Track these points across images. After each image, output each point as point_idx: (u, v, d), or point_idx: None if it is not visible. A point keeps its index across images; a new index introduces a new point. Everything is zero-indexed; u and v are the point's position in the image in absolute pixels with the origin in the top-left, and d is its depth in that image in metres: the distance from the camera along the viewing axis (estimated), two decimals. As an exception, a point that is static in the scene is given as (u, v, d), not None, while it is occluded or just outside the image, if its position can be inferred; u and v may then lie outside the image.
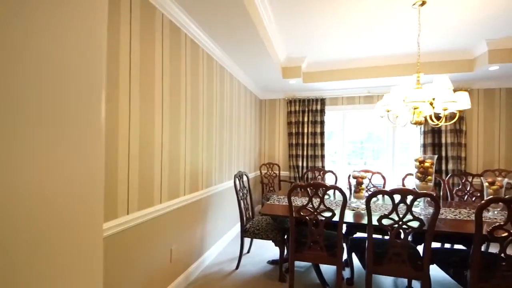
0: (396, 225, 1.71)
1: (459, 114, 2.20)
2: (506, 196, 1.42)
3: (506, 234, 1.46)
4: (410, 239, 2.28)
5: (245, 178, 2.75)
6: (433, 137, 4.13)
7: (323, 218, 1.85)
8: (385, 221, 1.73)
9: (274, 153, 4.95)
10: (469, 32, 2.89)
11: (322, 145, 4.56)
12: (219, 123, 2.95)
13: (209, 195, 2.66)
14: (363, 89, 4.42)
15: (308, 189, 1.81)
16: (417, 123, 2.43)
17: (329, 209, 1.82)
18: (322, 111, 4.55)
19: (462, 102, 2.16)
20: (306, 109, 4.61)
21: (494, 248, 2.54)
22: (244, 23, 2.22)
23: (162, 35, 1.88)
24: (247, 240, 3.07)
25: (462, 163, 3.98)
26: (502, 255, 1.49)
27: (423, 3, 2.34)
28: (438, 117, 3.30)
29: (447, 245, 2.69)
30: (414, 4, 2.38)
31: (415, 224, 1.71)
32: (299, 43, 3.21)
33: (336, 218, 1.84)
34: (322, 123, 4.56)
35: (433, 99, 2.30)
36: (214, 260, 2.68)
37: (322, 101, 4.55)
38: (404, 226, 1.70)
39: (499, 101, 3.93)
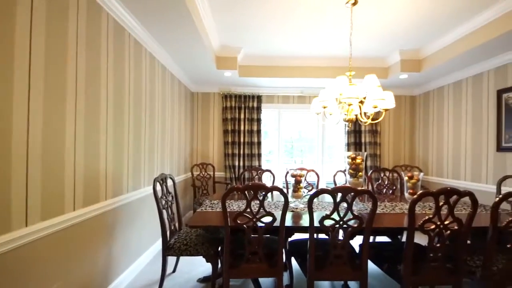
0: (337, 225, 1.59)
1: (381, 114, 2.33)
2: (434, 190, 1.45)
3: (434, 226, 1.50)
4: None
5: (170, 182, 2.27)
6: (355, 137, 4.50)
7: (263, 225, 1.59)
8: (326, 222, 1.59)
9: (208, 152, 4.53)
10: (388, 41, 3.17)
11: (259, 143, 4.41)
12: (135, 114, 2.37)
13: (118, 206, 2.07)
14: (297, 88, 4.48)
15: (246, 192, 1.51)
16: (350, 120, 2.46)
17: (269, 214, 1.57)
18: (259, 109, 4.41)
19: (389, 100, 2.27)
20: (243, 105, 4.37)
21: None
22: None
23: (36, -25, 1.26)
24: (172, 258, 2.57)
25: (378, 160, 4.46)
26: (431, 246, 1.53)
27: (355, 3, 2.38)
28: (365, 117, 3.56)
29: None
30: (347, 3, 2.40)
31: (354, 222, 1.63)
32: (235, 31, 2.93)
33: (276, 223, 1.61)
34: (258, 120, 4.41)
35: (364, 98, 2.36)
36: (128, 288, 2.10)
37: (259, 98, 4.40)
38: (344, 226, 1.60)
39: (404, 107, 4.58)
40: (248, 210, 1.55)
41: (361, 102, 2.46)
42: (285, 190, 3.22)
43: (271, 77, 3.84)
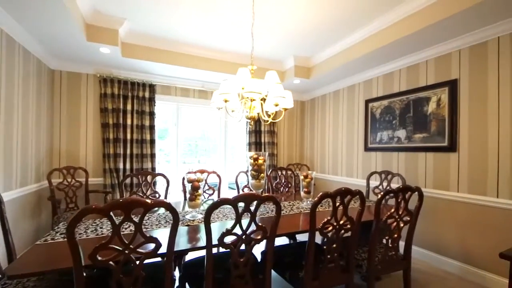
0: (240, 241, 1.35)
1: (280, 113, 2.32)
2: (331, 191, 1.45)
3: (331, 227, 1.50)
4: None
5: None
6: (256, 137, 4.57)
7: (141, 256, 1.14)
8: (227, 238, 1.32)
9: (79, 153, 3.43)
10: (286, 45, 3.28)
11: (152, 141, 3.72)
12: None
13: None
14: (198, 82, 4.08)
15: (111, 213, 1.01)
16: (252, 118, 2.33)
17: (150, 239, 1.14)
18: (152, 100, 3.71)
19: (288, 99, 2.27)
20: (130, 94, 3.56)
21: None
22: None
23: None
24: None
25: (275, 159, 4.70)
26: (328, 247, 1.53)
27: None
28: (267, 115, 3.59)
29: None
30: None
31: (257, 233, 1.44)
32: (115, -7, 2.23)
33: (163, 249, 1.19)
34: (152, 114, 3.71)
35: (266, 96, 2.28)
36: None
37: (152, 88, 3.70)
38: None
39: (296, 110, 5.02)
40: (126, 236, 1.06)
41: (263, 99, 2.38)
42: (182, 198, 2.78)
43: (166, 64, 3.26)
